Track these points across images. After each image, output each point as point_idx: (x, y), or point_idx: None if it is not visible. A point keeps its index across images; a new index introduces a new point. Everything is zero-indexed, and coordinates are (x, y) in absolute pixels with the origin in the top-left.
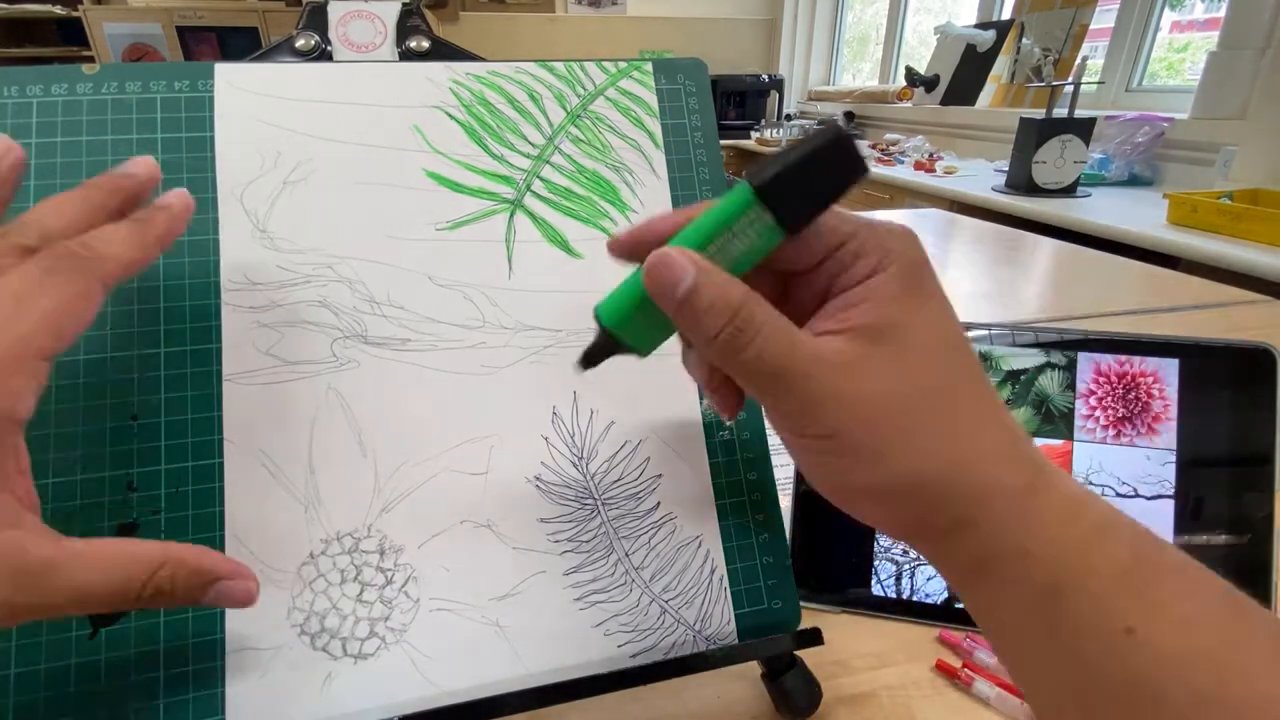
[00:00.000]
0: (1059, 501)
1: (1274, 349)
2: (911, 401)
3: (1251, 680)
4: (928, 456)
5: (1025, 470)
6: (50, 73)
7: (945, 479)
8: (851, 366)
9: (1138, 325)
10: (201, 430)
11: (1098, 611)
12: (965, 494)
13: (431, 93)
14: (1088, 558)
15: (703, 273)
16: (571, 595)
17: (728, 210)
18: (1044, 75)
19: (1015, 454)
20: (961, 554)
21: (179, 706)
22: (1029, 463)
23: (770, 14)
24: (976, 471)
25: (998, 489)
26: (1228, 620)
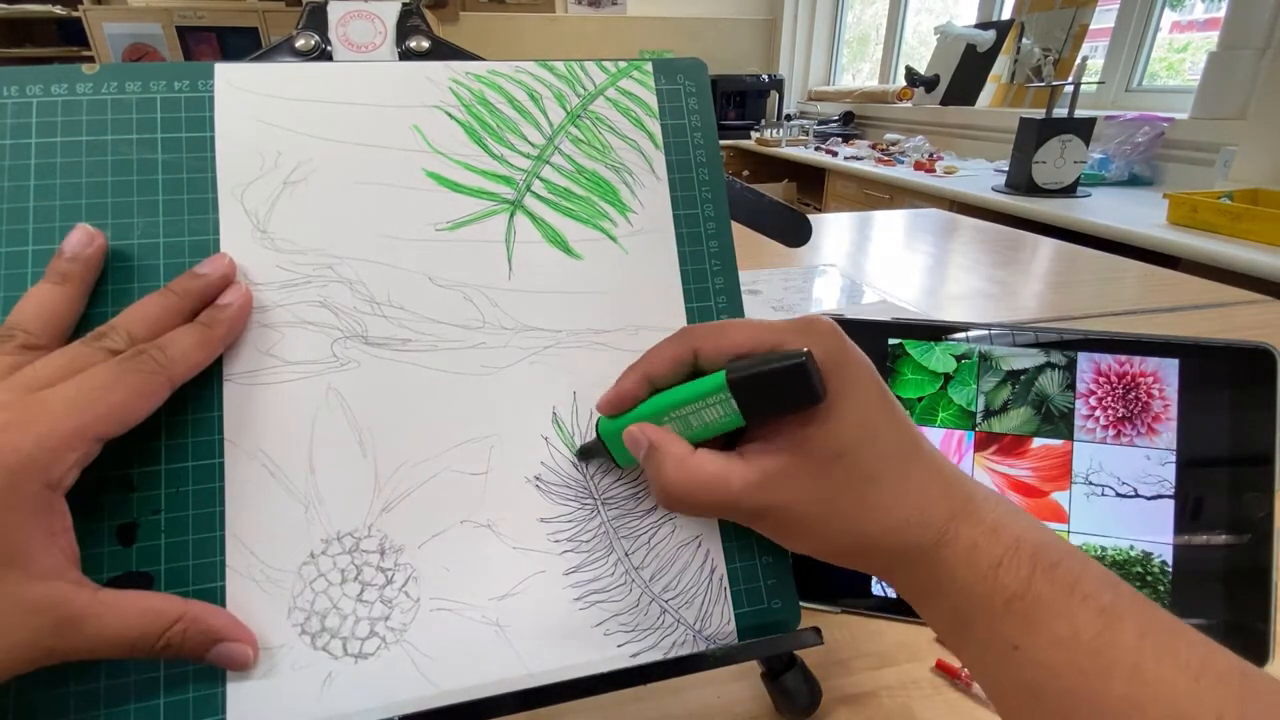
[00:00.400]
0: (963, 549)
1: (1274, 349)
2: (819, 507)
3: (1111, 683)
4: (841, 538)
5: (934, 526)
6: (50, 73)
7: (861, 552)
8: (768, 486)
9: (1138, 325)
10: (201, 430)
11: (991, 633)
12: (880, 559)
13: (431, 92)
14: (984, 591)
15: (653, 448)
16: (571, 595)
17: (702, 389)
18: (1044, 75)
19: (925, 516)
20: (896, 587)
21: (179, 705)
22: (941, 515)
23: (770, 14)
24: (886, 543)
25: (906, 552)
26: (1098, 632)
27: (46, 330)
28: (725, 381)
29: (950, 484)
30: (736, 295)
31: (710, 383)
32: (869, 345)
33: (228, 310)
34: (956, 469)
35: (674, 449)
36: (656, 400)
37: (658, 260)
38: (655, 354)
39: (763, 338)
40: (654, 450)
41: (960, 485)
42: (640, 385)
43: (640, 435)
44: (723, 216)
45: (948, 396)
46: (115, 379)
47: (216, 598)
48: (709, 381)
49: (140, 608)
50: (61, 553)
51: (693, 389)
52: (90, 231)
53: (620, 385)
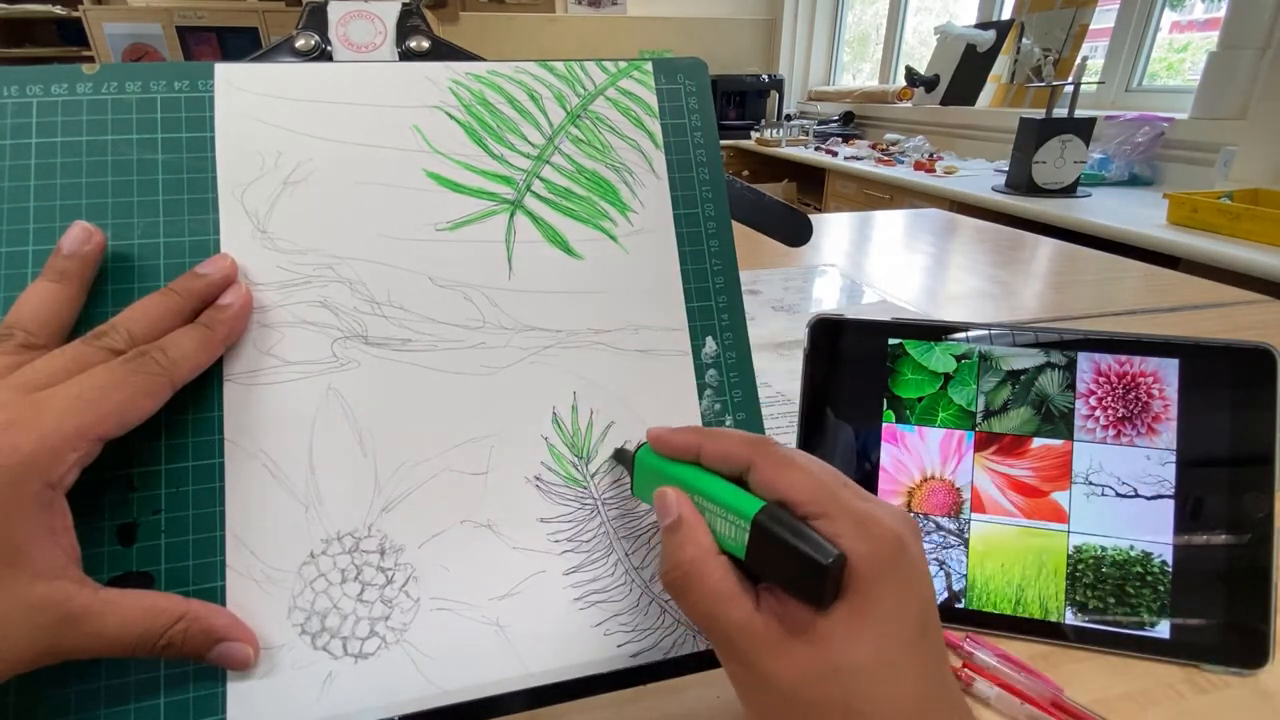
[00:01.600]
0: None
1: (1274, 349)
2: (778, 712)
3: None
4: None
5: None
6: (50, 73)
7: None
8: (768, 649)
9: (1138, 325)
10: (202, 430)
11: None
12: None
13: (431, 93)
14: None
15: (681, 524)
16: (571, 595)
17: (733, 503)
18: (1044, 75)
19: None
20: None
21: (179, 705)
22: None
23: (770, 14)
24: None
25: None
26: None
27: (45, 329)
28: (753, 519)
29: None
30: (737, 295)
31: (743, 504)
32: (869, 345)
33: (228, 311)
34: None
35: (702, 539)
36: (696, 474)
37: (658, 260)
38: (720, 440)
39: (819, 498)
40: (682, 526)
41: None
42: (688, 450)
43: (673, 504)
44: (723, 216)
45: (948, 396)
46: (117, 380)
47: (217, 597)
48: (743, 501)
49: (141, 607)
50: (63, 552)
51: (727, 495)
52: (88, 228)
53: (676, 435)
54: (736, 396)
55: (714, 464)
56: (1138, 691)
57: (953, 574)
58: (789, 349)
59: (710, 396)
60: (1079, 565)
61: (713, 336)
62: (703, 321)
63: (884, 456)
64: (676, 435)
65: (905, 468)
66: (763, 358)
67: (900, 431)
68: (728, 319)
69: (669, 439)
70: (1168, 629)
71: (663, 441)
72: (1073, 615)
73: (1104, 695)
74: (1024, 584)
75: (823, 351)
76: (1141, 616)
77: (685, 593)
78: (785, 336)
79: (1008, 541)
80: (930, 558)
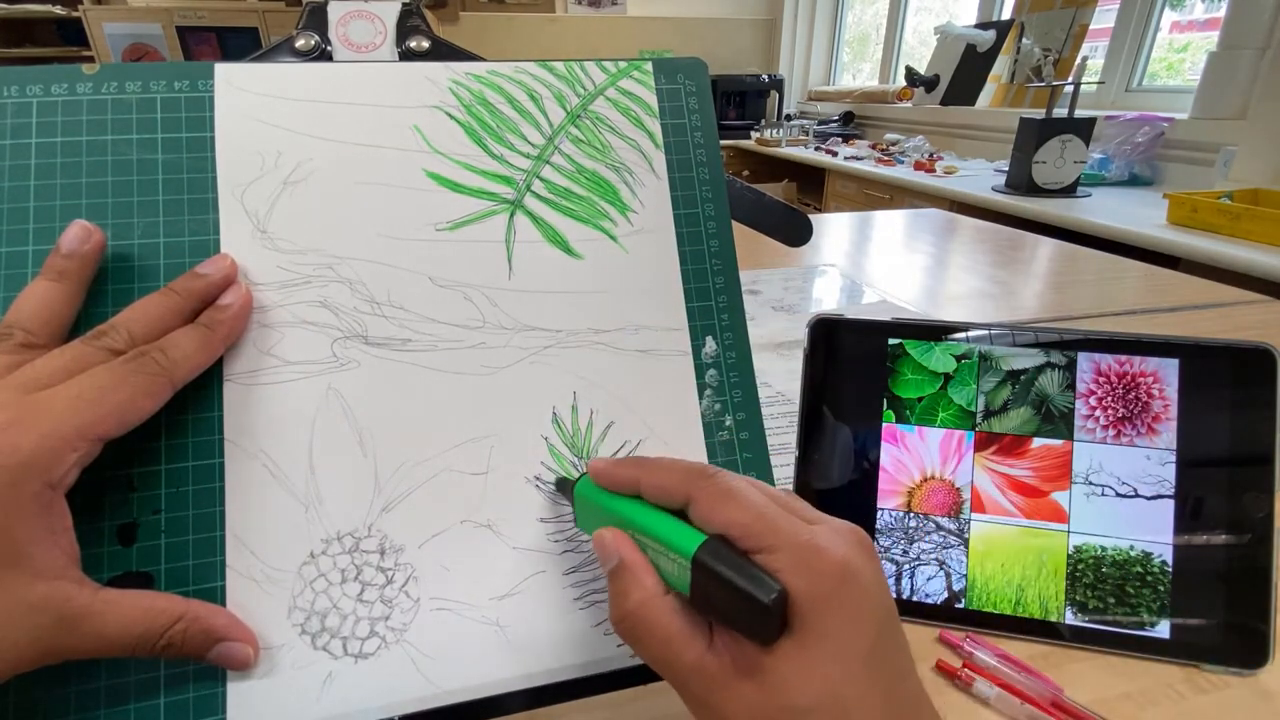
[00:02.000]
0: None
1: (1274, 349)
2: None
3: None
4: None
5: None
6: (50, 73)
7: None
8: (720, 688)
9: (1138, 325)
10: (202, 430)
11: None
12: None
13: (431, 93)
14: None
15: (623, 568)
16: (571, 595)
17: (673, 540)
18: (1044, 75)
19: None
20: None
21: (179, 705)
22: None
23: (770, 14)
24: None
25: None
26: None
27: (45, 328)
28: (692, 557)
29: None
30: (737, 295)
31: (682, 540)
32: (869, 345)
33: (228, 311)
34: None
35: (647, 581)
36: (637, 510)
37: (658, 260)
38: (658, 472)
39: (759, 530)
40: (623, 572)
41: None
42: (628, 484)
43: (612, 547)
44: (723, 216)
45: (948, 396)
46: (117, 380)
47: (217, 597)
48: (683, 537)
49: (141, 607)
50: (62, 552)
51: (667, 531)
52: (87, 227)
53: (617, 468)
54: (736, 396)
55: (654, 497)
56: (1138, 691)
57: (953, 574)
58: (789, 349)
59: (710, 396)
60: (1079, 565)
61: (713, 336)
62: (703, 321)
63: (884, 456)
64: (616, 467)
65: (905, 468)
66: (763, 358)
67: (900, 431)
68: (728, 319)
69: (609, 471)
70: (1168, 629)
71: (602, 473)
72: (1073, 615)
73: (1104, 695)
74: (1024, 584)
75: (823, 351)
76: (1141, 616)
77: (633, 636)
78: (785, 336)
79: (1008, 541)
80: (930, 558)
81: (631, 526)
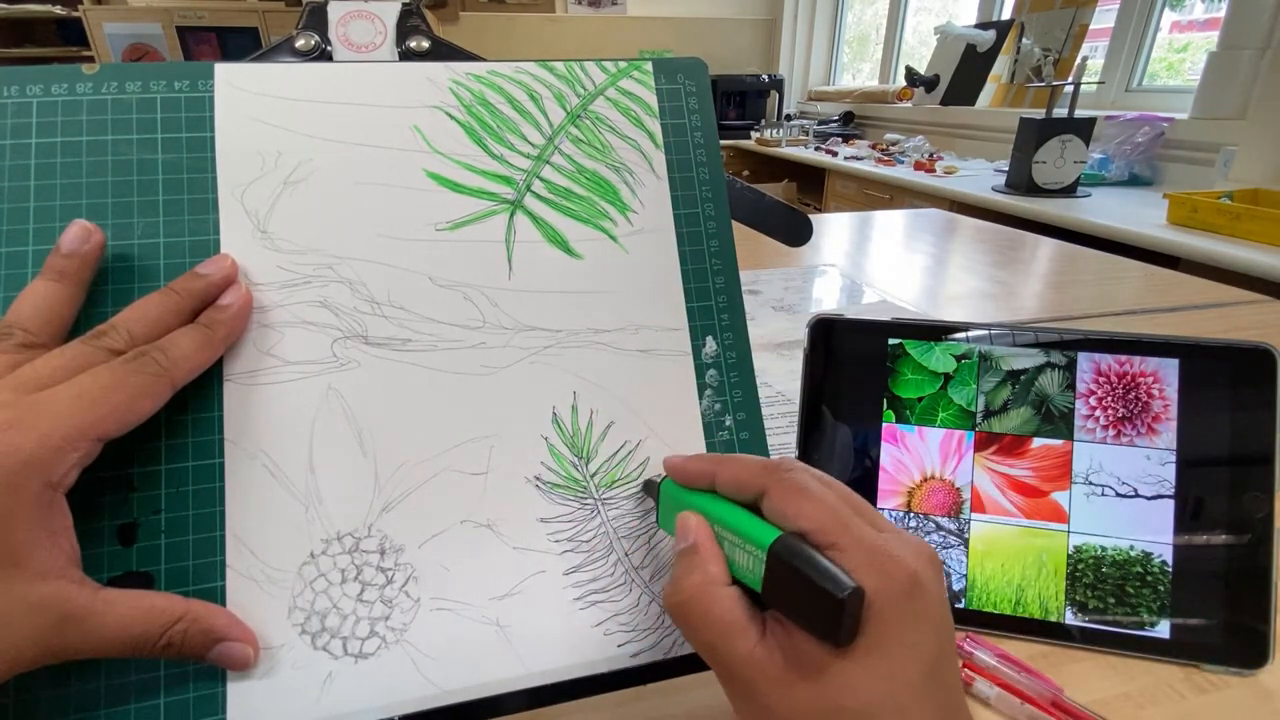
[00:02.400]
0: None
1: (1274, 349)
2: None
3: None
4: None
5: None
6: (50, 73)
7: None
8: (770, 683)
9: (1138, 325)
10: (202, 430)
11: None
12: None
13: (431, 93)
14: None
15: (694, 550)
16: (571, 595)
17: (749, 532)
18: (1044, 75)
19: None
20: None
21: (179, 705)
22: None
23: (770, 14)
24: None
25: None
26: None
27: (45, 328)
28: (769, 549)
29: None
30: (737, 295)
31: (759, 533)
32: (869, 345)
33: (228, 311)
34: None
35: (712, 568)
36: (715, 503)
37: (658, 260)
38: (733, 466)
39: (832, 529)
40: (693, 554)
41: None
42: (703, 478)
43: (691, 530)
44: (723, 216)
45: (948, 396)
46: (117, 380)
47: (217, 597)
48: (759, 530)
49: (141, 607)
50: (62, 552)
51: (744, 524)
52: (87, 227)
53: (691, 463)
54: (736, 396)
55: (729, 491)
56: (1137, 691)
57: (953, 574)
58: (789, 349)
59: (710, 396)
60: (1079, 565)
61: (713, 336)
62: (703, 321)
63: (884, 456)
64: (691, 463)
65: (905, 468)
66: (763, 358)
67: (900, 431)
68: (728, 319)
69: (683, 466)
70: (1168, 629)
71: (677, 469)
72: (1073, 615)
73: (1104, 695)
74: (1024, 584)
75: (823, 351)
76: (1141, 616)
77: (686, 619)
78: (785, 336)
79: (1008, 541)
80: None
81: (711, 518)
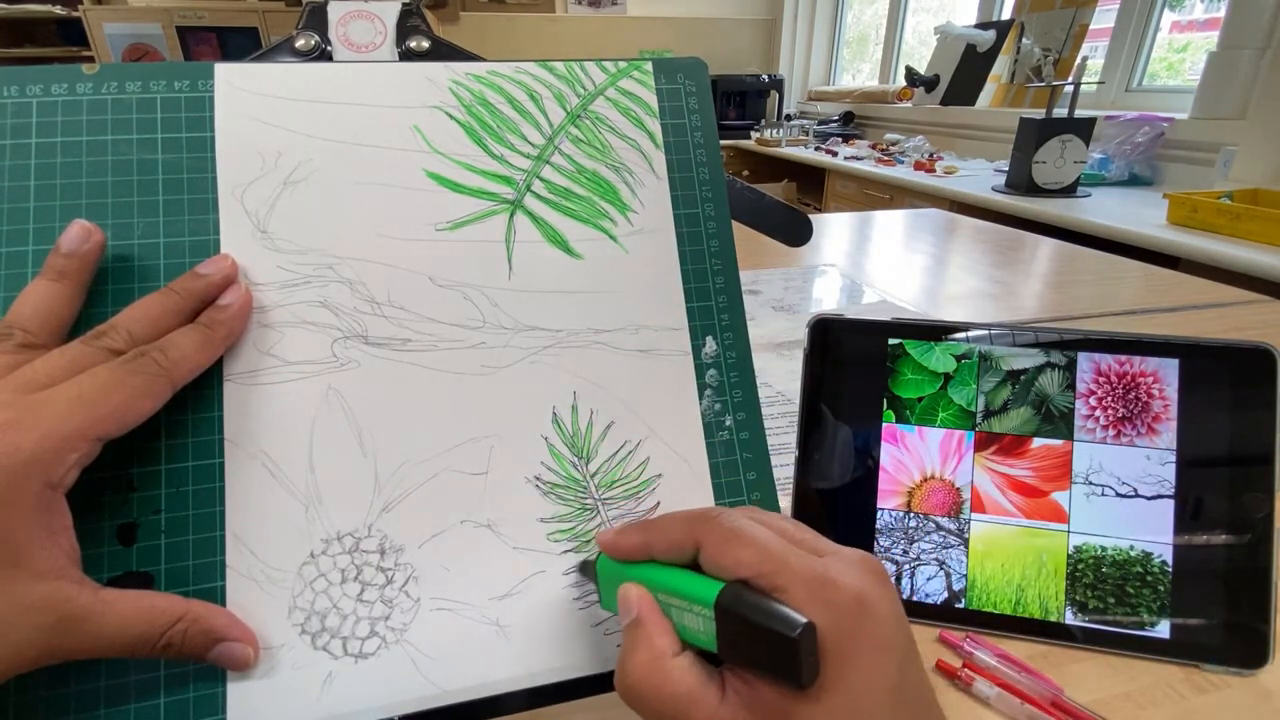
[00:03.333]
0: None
1: (1274, 349)
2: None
3: None
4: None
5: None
6: (50, 73)
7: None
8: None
9: (1138, 325)
10: (202, 430)
11: None
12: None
13: (431, 93)
14: None
15: (637, 625)
16: (571, 595)
17: (693, 592)
18: (1044, 75)
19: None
20: None
21: (179, 705)
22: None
23: (770, 14)
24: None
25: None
26: None
27: (45, 328)
28: (714, 603)
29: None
30: (737, 295)
31: (702, 591)
32: (869, 345)
33: (228, 311)
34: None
35: (658, 641)
36: (654, 571)
37: (658, 260)
38: (663, 529)
39: (771, 570)
40: (637, 628)
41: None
42: (639, 551)
43: (633, 603)
44: (723, 216)
45: (948, 396)
46: (117, 380)
47: (217, 597)
48: (702, 588)
49: (141, 607)
50: (62, 552)
51: (685, 584)
52: (87, 227)
53: (621, 538)
54: (736, 396)
55: (666, 555)
56: (1138, 691)
57: (953, 574)
58: (789, 349)
59: (710, 396)
60: (1079, 565)
61: (713, 336)
62: (703, 321)
63: (884, 456)
64: (622, 536)
65: (905, 468)
66: (763, 358)
67: (900, 431)
68: (728, 319)
69: (615, 542)
70: (1168, 629)
71: (610, 545)
72: (1073, 615)
73: (1104, 695)
74: (1024, 584)
75: (822, 351)
76: (1141, 616)
77: (640, 700)
78: (785, 336)
79: (1008, 541)
80: (930, 558)
81: (653, 587)
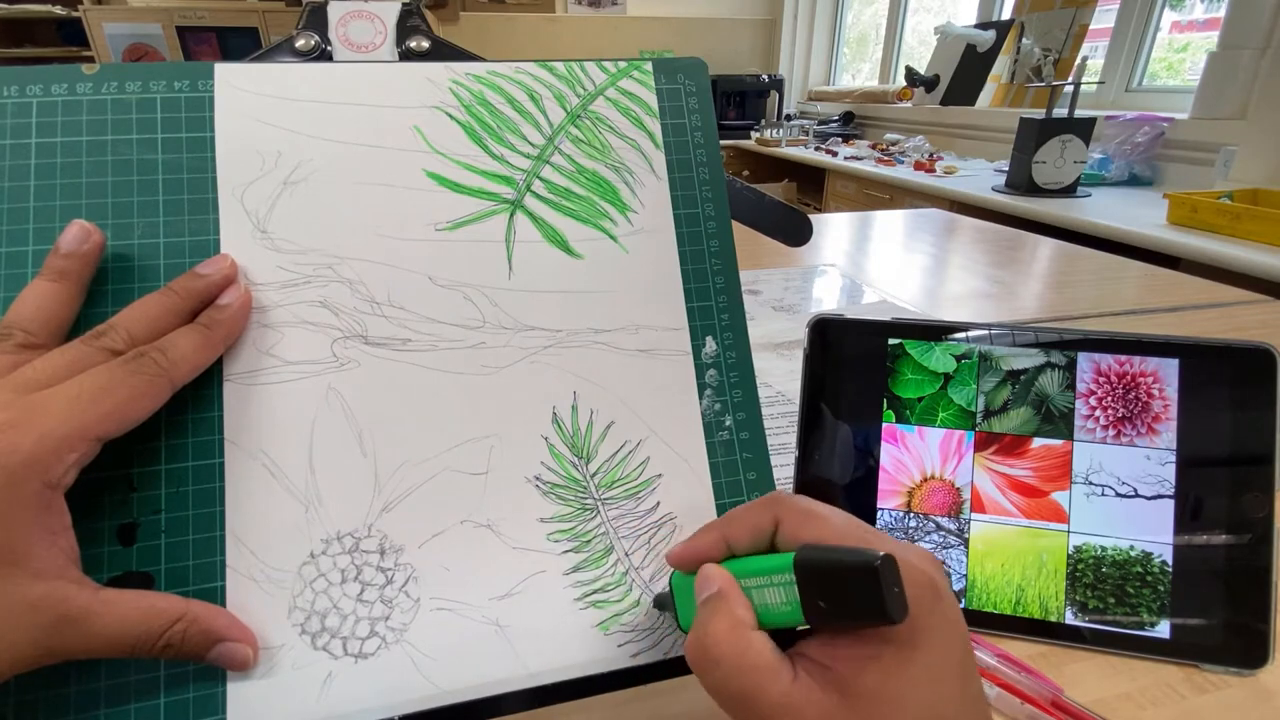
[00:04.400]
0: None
1: (1274, 349)
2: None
3: None
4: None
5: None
6: (50, 73)
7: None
8: (809, 717)
9: (1138, 325)
10: (202, 430)
11: None
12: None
13: (431, 93)
14: None
15: (718, 596)
16: (571, 595)
17: (770, 563)
18: (1044, 75)
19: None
20: None
21: (179, 705)
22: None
23: (770, 14)
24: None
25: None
26: None
27: (44, 328)
28: (793, 561)
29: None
30: (737, 295)
31: (781, 561)
32: (869, 345)
33: (228, 311)
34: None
35: (738, 610)
36: (729, 562)
37: (658, 260)
38: (737, 516)
39: (852, 540)
40: (719, 598)
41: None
42: (716, 546)
43: (714, 577)
44: (723, 216)
45: (948, 396)
46: (116, 380)
47: (216, 598)
48: (778, 558)
49: (141, 607)
50: (62, 552)
51: (763, 562)
52: (86, 227)
53: (695, 541)
54: (736, 396)
55: (746, 541)
56: (1138, 691)
57: (953, 574)
58: (789, 349)
59: (710, 396)
60: (1079, 565)
61: (713, 336)
62: (703, 321)
63: (884, 456)
64: (694, 541)
65: (905, 468)
66: (763, 358)
67: (900, 431)
68: (728, 319)
69: (688, 548)
70: (1168, 629)
71: (682, 554)
72: (1073, 615)
73: (1104, 695)
74: (1024, 584)
75: (822, 351)
76: (1141, 616)
77: (717, 666)
78: (785, 336)
79: (1008, 541)
80: None
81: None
